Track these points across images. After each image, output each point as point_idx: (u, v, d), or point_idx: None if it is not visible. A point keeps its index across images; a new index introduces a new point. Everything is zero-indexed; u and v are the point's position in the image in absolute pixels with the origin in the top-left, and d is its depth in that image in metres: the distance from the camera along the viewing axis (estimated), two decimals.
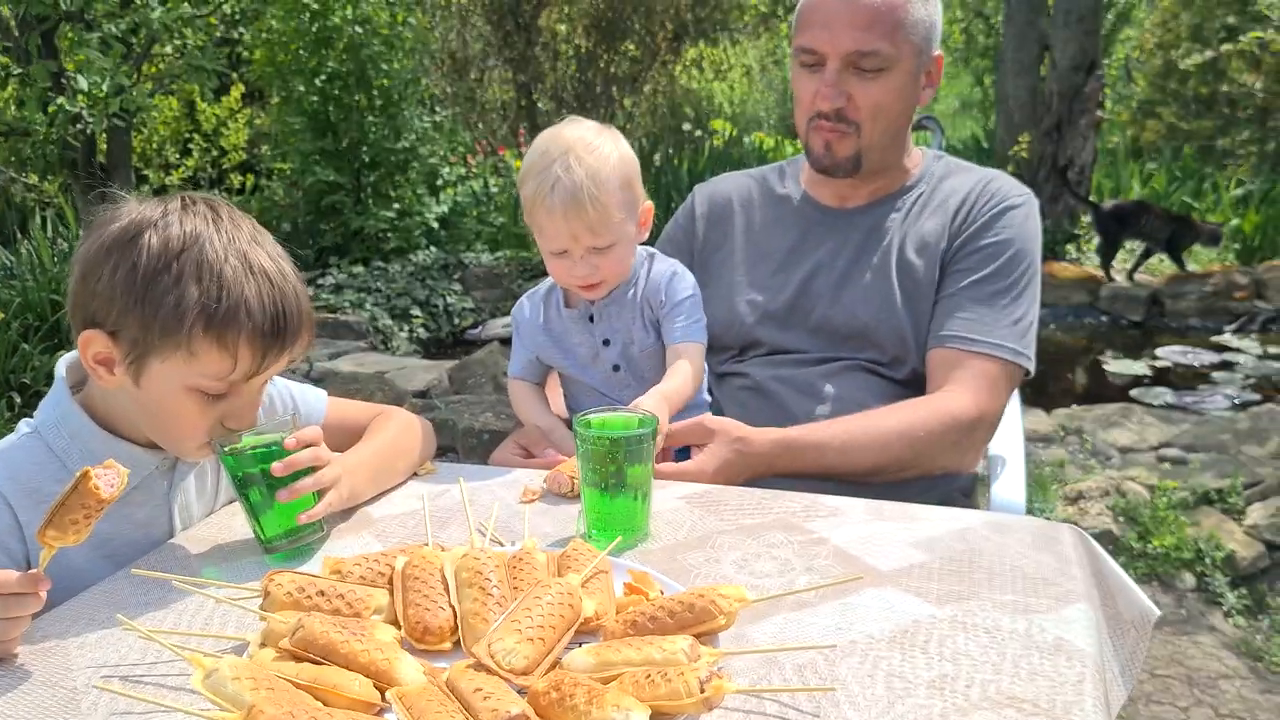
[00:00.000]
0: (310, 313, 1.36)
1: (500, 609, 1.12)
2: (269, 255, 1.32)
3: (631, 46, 9.07)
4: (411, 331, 6.16)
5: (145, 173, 8.10)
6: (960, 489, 1.90)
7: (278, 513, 1.36)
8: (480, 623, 1.10)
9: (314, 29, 7.03)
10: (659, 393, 1.64)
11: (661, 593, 1.20)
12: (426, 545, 1.28)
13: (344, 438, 1.62)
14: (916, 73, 1.84)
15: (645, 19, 9.03)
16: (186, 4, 4.81)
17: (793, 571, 1.27)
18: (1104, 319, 6.83)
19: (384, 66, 7.16)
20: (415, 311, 6.30)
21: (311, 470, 1.38)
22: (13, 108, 4.70)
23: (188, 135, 8.20)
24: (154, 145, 8.02)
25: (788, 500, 1.49)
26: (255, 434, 1.38)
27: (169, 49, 5.21)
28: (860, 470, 1.72)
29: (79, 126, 4.47)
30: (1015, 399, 2.04)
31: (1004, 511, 1.82)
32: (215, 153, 8.31)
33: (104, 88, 4.31)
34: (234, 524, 1.48)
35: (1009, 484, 1.89)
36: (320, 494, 1.39)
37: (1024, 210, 1.90)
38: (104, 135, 5.16)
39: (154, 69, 5.61)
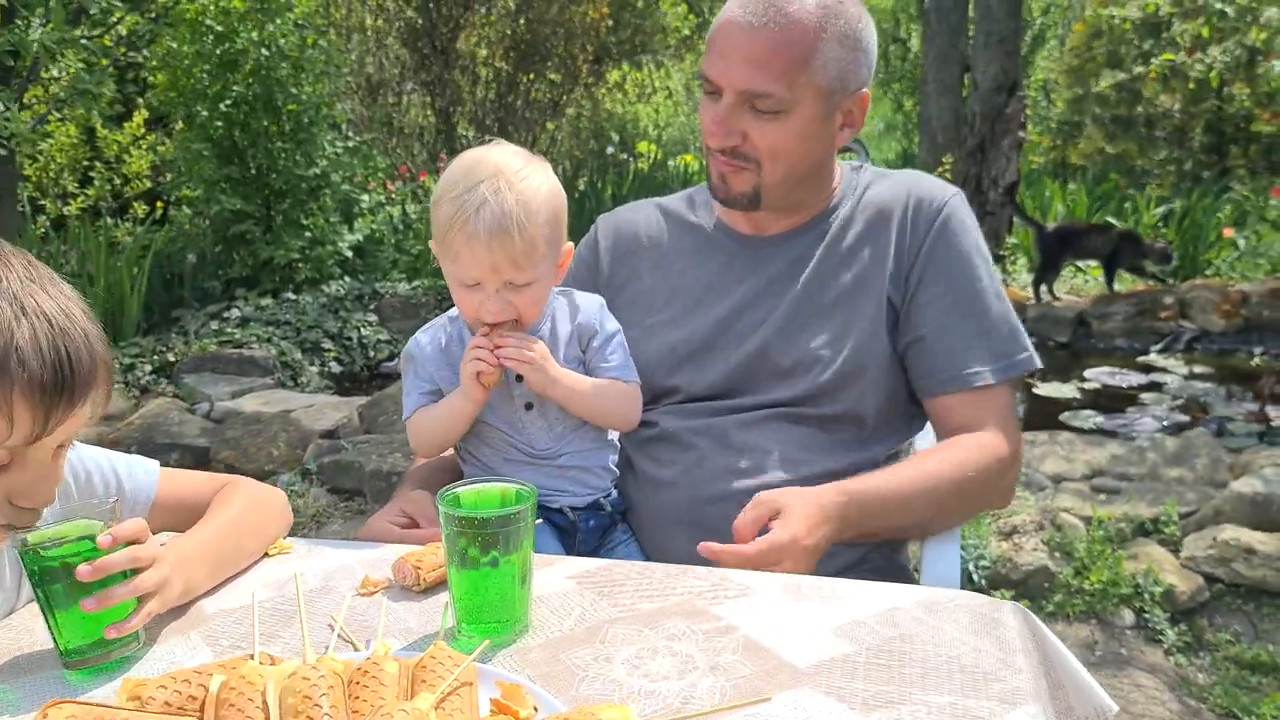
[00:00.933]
0: (106, 360, 1.13)
1: None
2: (49, 295, 1.09)
3: (552, 70, 8.89)
4: (323, 366, 5.88)
5: (42, 203, 7.70)
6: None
7: (83, 622, 1.11)
8: None
9: (218, 52, 6.74)
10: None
11: (536, 710, 1.00)
12: (252, 658, 1.05)
13: (183, 516, 1.40)
14: (825, 115, 1.64)
15: (565, 42, 8.86)
16: (72, 26, 4.52)
17: (695, 671, 1.08)
18: (1033, 339, 6.78)
19: (293, 90, 6.89)
20: (327, 344, 6.02)
21: (129, 574, 1.15)
22: None
23: (87, 163, 7.82)
24: (50, 174, 7.63)
25: (693, 578, 1.30)
26: (62, 521, 1.15)
27: (54, 72, 4.89)
28: (918, 522, 1.63)
29: None
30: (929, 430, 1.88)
31: (936, 566, 1.66)
32: (118, 181, 7.93)
33: None
34: (37, 626, 1.24)
35: (939, 546, 1.72)
36: (141, 600, 1.16)
37: (960, 206, 1.75)
38: None
39: (41, 93, 5.28)
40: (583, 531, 1.65)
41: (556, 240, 1.56)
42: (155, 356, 5.62)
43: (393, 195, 8.48)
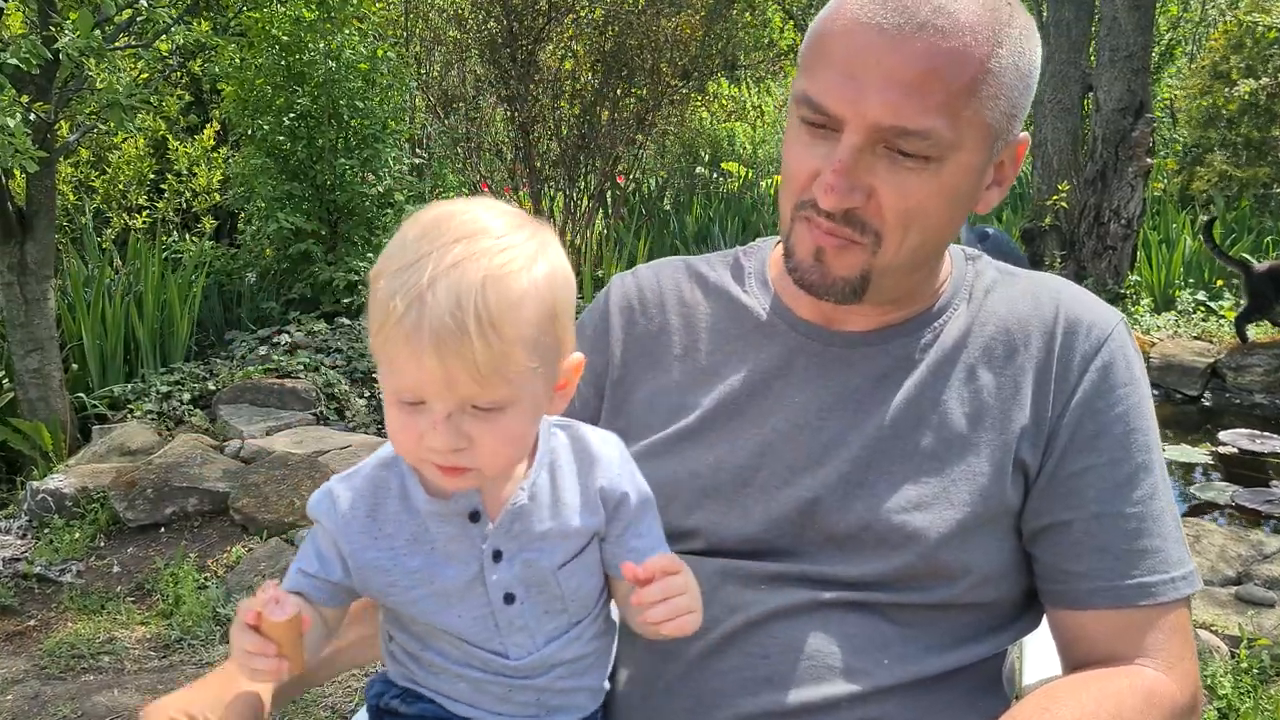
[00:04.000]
0: None
1: None
2: None
3: (639, 84, 8.45)
4: (371, 398, 5.49)
5: (108, 215, 7.52)
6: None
7: None
8: None
9: (284, 64, 6.45)
10: None
11: None
12: None
13: None
14: (983, 166, 1.13)
15: (654, 55, 8.40)
16: (100, 31, 4.20)
17: None
18: (1156, 393, 6.06)
19: (359, 105, 6.56)
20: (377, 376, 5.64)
21: None
22: None
23: (156, 175, 7.62)
24: (119, 187, 7.44)
25: None
26: None
27: (100, 82, 4.59)
28: None
29: None
30: None
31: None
32: (187, 195, 7.72)
33: (9, 126, 3.71)
34: None
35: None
36: None
37: (1126, 343, 1.21)
38: (12, 179, 4.55)
39: (90, 105, 5.01)
40: None
41: (550, 349, 1.01)
42: (195, 384, 5.29)
43: None
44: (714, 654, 1.15)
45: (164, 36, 5.03)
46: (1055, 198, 7.58)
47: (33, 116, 4.26)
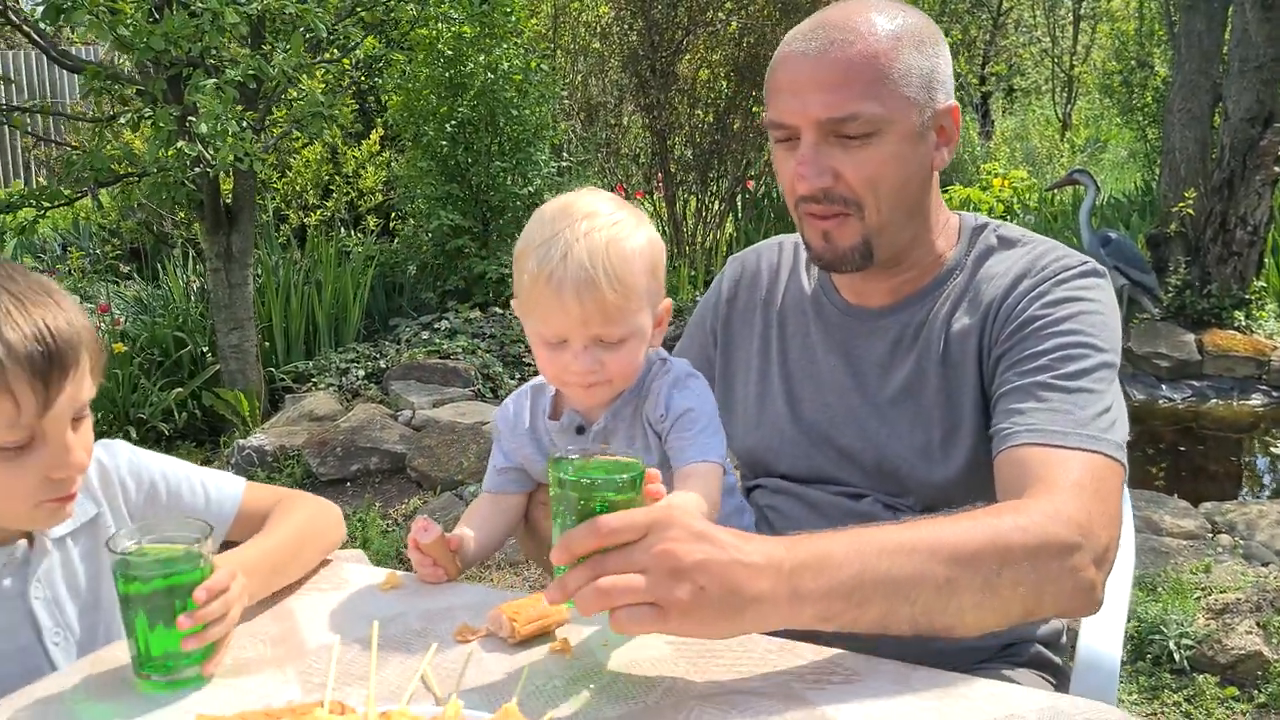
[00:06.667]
0: (89, 330, 1.25)
1: None
2: (21, 288, 1.22)
3: None
4: (522, 379, 6.04)
5: (286, 213, 8.29)
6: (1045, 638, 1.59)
7: (164, 638, 1.17)
8: None
9: (448, 75, 7.07)
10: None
11: None
12: (322, 705, 1.06)
13: (258, 527, 1.47)
14: (921, 131, 1.47)
15: None
16: (313, 52, 4.83)
17: None
18: (1275, 395, 6.18)
19: (514, 112, 7.14)
20: (528, 359, 6.20)
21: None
22: (144, 149, 4.81)
23: (328, 178, 8.37)
24: (297, 188, 8.21)
25: (796, 657, 1.22)
26: (154, 539, 1.21)
27: (295, 94, 5.24)
28: (898, 609, 1.16)
29: (199, 169, 4.51)
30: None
31: (1093, 666, 1.51)
32: (354, 194, 8.45)
33: (223, 131, 4.34)
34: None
35: (1102, 628, 1.56)
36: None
37: (1079, 280, 1.49)
38: (228, 178, 5.23)
39: (283, 113, 5.69)
40: None
41: (655, 293, 1.44)
42: (369, 362, 5.92)
43: None
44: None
45: (351, 53, 5.68)
46: (1181, 204, 7.69)
47: (244, 124, 4.92)
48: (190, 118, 4.49)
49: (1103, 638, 1.53)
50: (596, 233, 1.37)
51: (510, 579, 3.86)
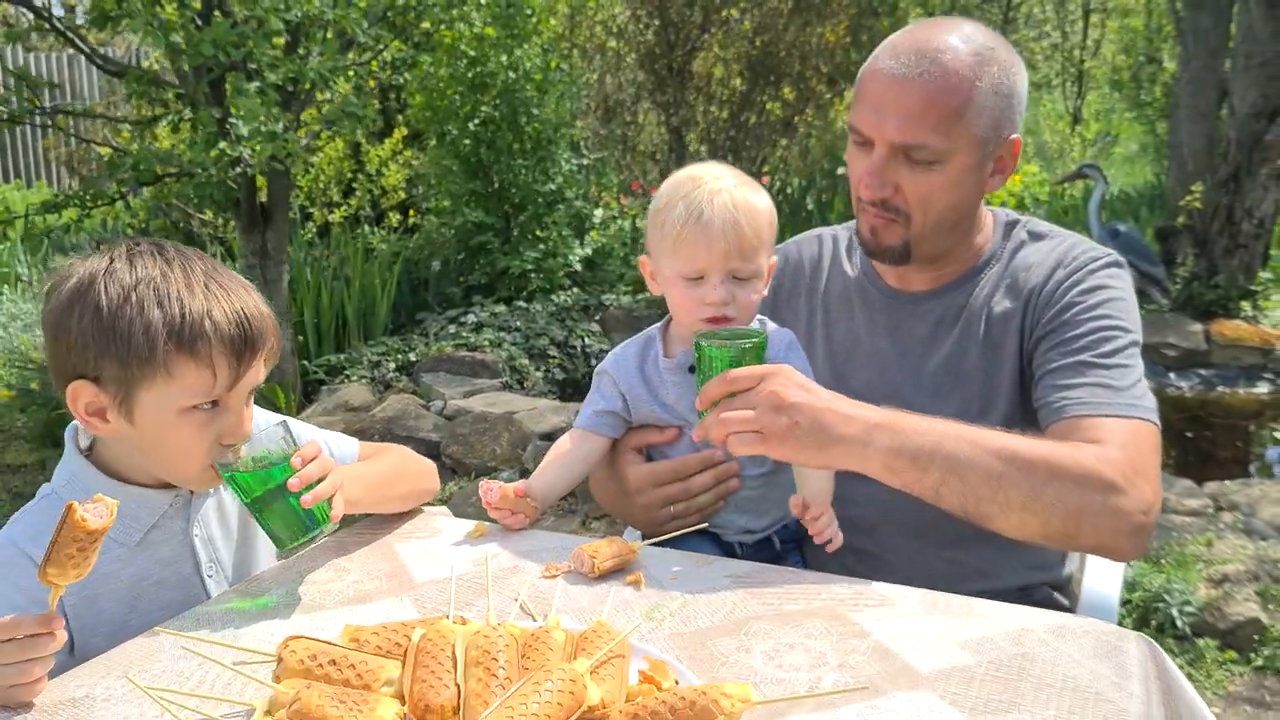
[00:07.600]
0: (272, 319, 1.46)
1: (503, 691, 1.09)
2: (223, 275, 1.43)
3: (787, 89, 9.03)
4: (548, 371, 6.24)
5: (310, 210, 8.51)
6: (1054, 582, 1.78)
7: (286, 518, 1.41)
8: (480, 705, 1.08)
9: (470, 75, 7.26)
10: None
11: (676, 683, 1.15)
12: (447, 618, 1.26)
13: None
14: (979, 164, 1.66)
15: (801, 61, 8.98)
16: (343, 53, 5.03)
17: (824, 666, 1.20)
18: None
19: (535, 111, 7.33)
20: (553, 352, 6.39)
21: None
22: (186, 150, 5.01)
23: (351, 175, 8.58)
24: (320, 185, 8.42)
25: (839, 585, 1.42)
26: (253, 451, 1.43)
27: (325, 94, 5.44)
28: (968, 491, 1.44)
29: (239, 169, 4.71)
30: None
31: (1095, 605, 1.70)
32: (376, 192, 8.66)
33: (261, 133, 4.54)
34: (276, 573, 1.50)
35: (1103, 574, 1.75)
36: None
37: (1105, 270, 1.69)
38: (264, 177, 5.43)
39: (314, 113, 5.89)
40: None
41: (770, 244, 1.65)
42: (399, 355, 6.13)
43: (625, 210, 8.85)
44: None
45: (380, 54, 5.87)
46: (1189, 198, 7.85)
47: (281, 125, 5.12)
48: (231, 120, 4.70)
49: (1103, 580, 1.73)
50: (734, 189, 1.61)
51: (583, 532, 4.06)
